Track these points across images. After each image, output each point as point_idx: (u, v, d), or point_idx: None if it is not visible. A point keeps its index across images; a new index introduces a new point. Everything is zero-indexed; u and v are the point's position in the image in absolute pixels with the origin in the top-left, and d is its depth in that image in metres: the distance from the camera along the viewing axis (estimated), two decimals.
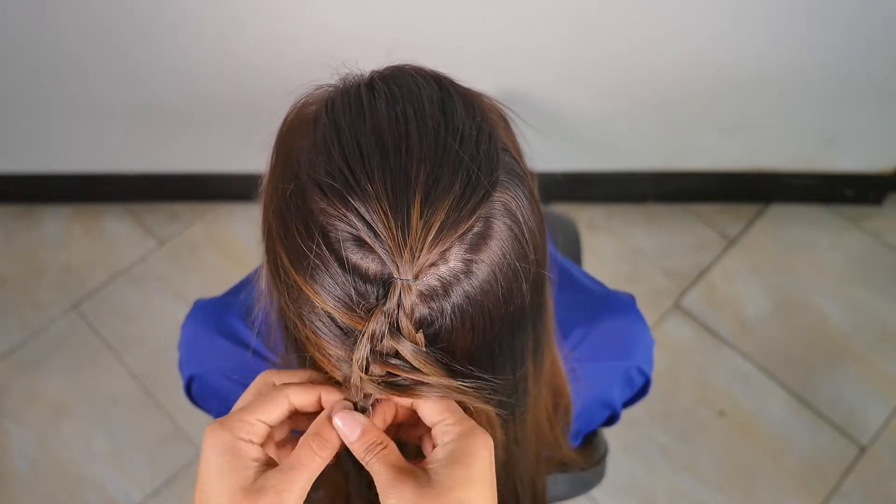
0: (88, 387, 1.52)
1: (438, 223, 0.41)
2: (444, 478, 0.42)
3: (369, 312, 0.43)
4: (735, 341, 1.54)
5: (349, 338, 0.44)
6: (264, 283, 0.52)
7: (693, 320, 1.57)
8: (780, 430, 1.44)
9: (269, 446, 0.48)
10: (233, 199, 1.76)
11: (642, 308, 0.71)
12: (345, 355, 0.45)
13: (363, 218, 0.41)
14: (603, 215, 1.73)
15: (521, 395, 0.55)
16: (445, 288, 0.43)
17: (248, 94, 1.47)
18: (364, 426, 0.45)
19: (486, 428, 0.49)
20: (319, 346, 0.46)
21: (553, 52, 1.38)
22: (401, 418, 0.49)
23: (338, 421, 0.45)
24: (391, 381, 0.45)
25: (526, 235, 0.46)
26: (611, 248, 1.68)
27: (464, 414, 0.45)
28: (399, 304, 0.42)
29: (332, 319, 0.44)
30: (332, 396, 0.47)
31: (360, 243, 0.42)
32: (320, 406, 0.48)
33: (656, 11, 1.29)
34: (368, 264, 0.42)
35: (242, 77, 1.44)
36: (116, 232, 1.74)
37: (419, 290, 0.42)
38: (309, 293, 0.44)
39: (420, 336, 0.44)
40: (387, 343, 0.43)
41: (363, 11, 1.29)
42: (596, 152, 1.63)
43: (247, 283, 0.73)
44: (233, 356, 0.67)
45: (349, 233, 0.42)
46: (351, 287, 0.43)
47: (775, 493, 1.38)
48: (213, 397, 0.71)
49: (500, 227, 0.44)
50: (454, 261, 0.43)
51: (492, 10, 1.29)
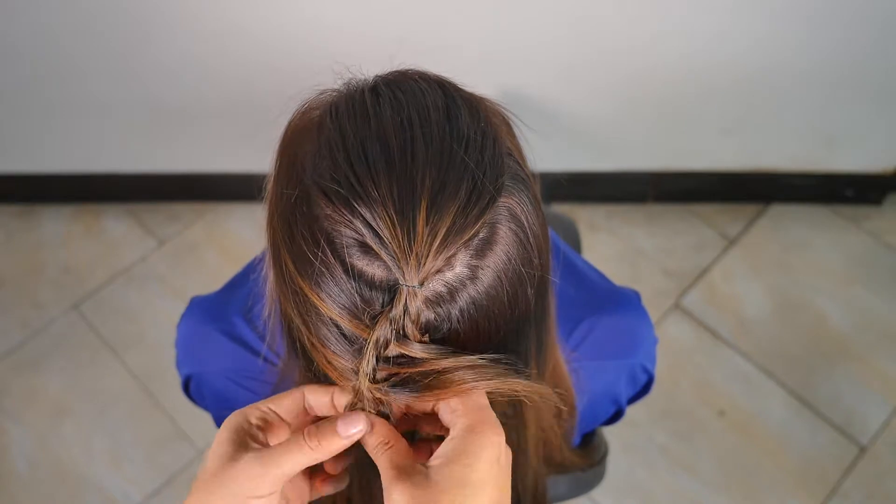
0: (88, 387, 1.52)
1: (444, 229, 0.41)
2: (440, 477, 0.42)
3: (374, 320, 0.43)
4: (735, 341, 1.54)
5: (354, 345, 0.44)
6: (269, 286, 0.52)
7: (693, 320, 1.57)
8: (780, 430, 1.44)
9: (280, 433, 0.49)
10: (233, 199, 1.76)
11: (645, 306, 0.71)
12: (350, 363, 0.45)
13: (369, 224, 0.41)
14: (603, 215, 1.73)
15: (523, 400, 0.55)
16: (451, 293, 0.43)
17: (248, 94, 1.47)
18: (374, 424, 0.46)
19: (523, 413, 0.49)
20: (325, 354, 0.46)
21: (553, 52, 1.38)
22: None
23: (339, 429, 0.46)
24: (400, 382, 0.45)
25: (531, 240, 0.46)
26: (611, 248, 1.68)
27: (478, 405, 0.45)
28: (405, 310, 0.42)
29: (338, 326, 0.44)
30: (344, 399, 0.48)
31: (366, 249, 0.42)
32: (334, 409, 0.48)
33: (656, 11, 1.29)
34: (374, 270, 0.42)
35: (242, 77, 1.44)
36: (116, 232, 1.74)
37: (425, 296, 0.42)
38: (314, 300, 0.44)
39: (427, 342, 0.44)
40: (392, 349, 0.43)
41: (363, 10, 1.29)
42: (596, 152, 1.63)
43: (243, 279, 0.73)
44: (231, 354, 0.67)
45: (354, 239, 0.42)
46: (356, 293, 0.43)
47: (775, 493, 1.38)
48: (212, 395, 0.71)
49: (506, 233, 0.44)
50: (460, 266, 0.43)
51: (491, 9, 1.29)
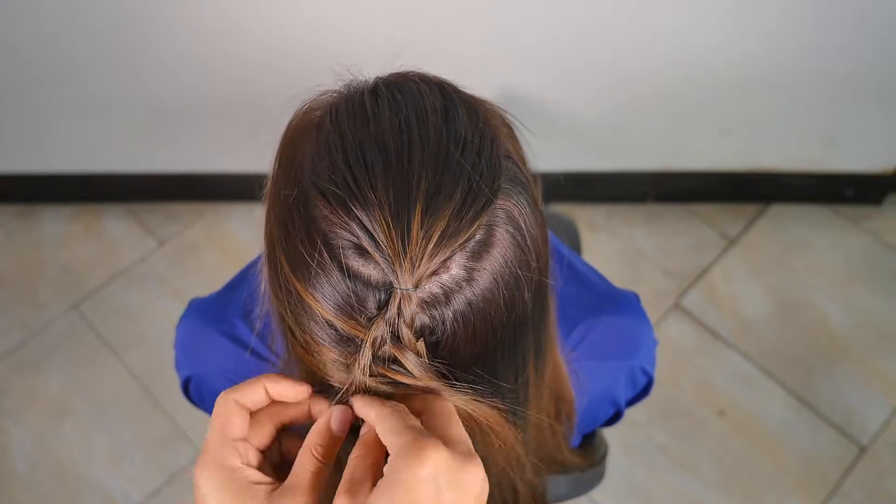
0: (88, 387, 1.52)
1: (439, 232, 0.41)
2: (373, 498, 0.40)
3: (371, 321, 0.43)
4: (735, 341, 1.54)
5: (349, 345, 0.44)
6: (264, 286, 0.52)
7: (693, 320, 1.57)
8: (780, 430, 1.44)
9: (266, 468, 0.47)
10: (233, 199, 1.76)
11: (644, 308, 0.71)
12: (344, 362, 0.45)
13: (364, 227, 0.41)
14: (603, 215, 1.73)
15: (523, 401, 0.55)
16: (447, 295, 0.43)
17: (249, 94, 1.47)
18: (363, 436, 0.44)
19: (493, 437, 0.48)
20: (318, 353, 0.46)
21: (553, 52, 1.38)
22: None
23: (335, 427, 0.45)
24: (392, 383, 0.45)
25: (528, 243, 0.46)
26: (611, 248, 1.68)
27: (412, 421, 0.42)
28: (399, 313, 0.42)
29: (332, 327, 0.44)
30: (322, 405, 0.47)
31: (361, 251, 0.42)
32: (304, 417, 0.47)
33: (656, 11, 1.29)
34: (369, 272, 0.42)
35: (242, 77, 1.44)
36: (116, 232, 1.74)
37: (420, 299, 0.42)
38: (309, 300, 0.44)
39: (420, 345, 0.44)
40: (388, 350, 0.43)
41: (362, 11, 1.29)
42: (596, 152, 1.63)
43: (242, 280, 0.73)
44: (231, 355, 0.67)
45: (350, 241, 0.42)
46: (351, 294, 0.43)
47: (775, 493, 1.38)
48: (212, 396, 0.70)
49: (503, 235, 0.44)
50: (456, 269, 0.43)
51: (491, 9, 1.29)
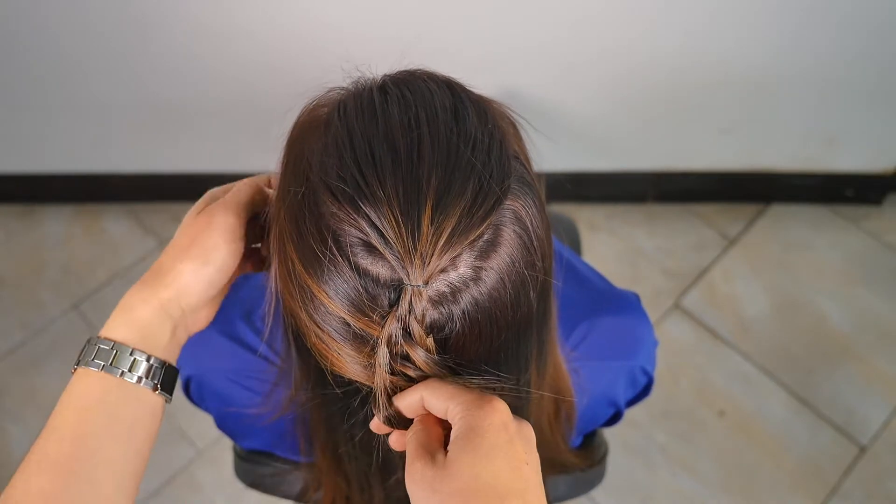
0: None
1: (449, 229, 0.41)
2: (454, 456, 0.42)
3: (384, 318, 0.43)
4: (735, 341, 1.54)
5: (363, 342, 0.45)
6: (273, 284, 0.52)
7: (693, 320, 1.57)
8: (780, 430, 1.44)
9: None
10: None
11: (644, 309, 0.71)
12: (359, 358, 0.45)
13: (374, 224, 0.41)
14: (603, 215, 1.73)
15: (524, 400, 0.55)
16: (454, 294, 0.43)
17: (249, 94, 1.47)
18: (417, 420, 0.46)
19: None
20: (335, 350, 0.46)
21: (553, 52, 1.38)
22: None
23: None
24: (409, 378, 0.45)
25: (534, 243, 0.46)
26: (611, 248, 1.68)
27: (468, 389, 0.45)
28: (410, 309, 0.42)
29: (346, 324, 0.44)
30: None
31: (370, 249, 0.42)
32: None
33: (656, 11, 1.29)
34: (379, 270, 0.42)
35: (243, 77, 1.44)
36: (116, 232, 1.74)
37: (429, 296, 0.42)
38: (322, 297, 0.44)
39: (430, 341, 0.44)
40: (401, 347, 0.44)
41: (362, 12, 1.29)
42: (596, 152, 1.63)
43: (243, 280, 0.73)
44: (231, 354, 0.67)
45: (359, 238, 0.42)
46: (363, 292, 0.43)
47: (775, 493, 1.38)
48: (213, 397, 0.70)
49: (510, 235, 0.44)
50: (463, 267, 0.43)
51: (491, 10, 1.29)
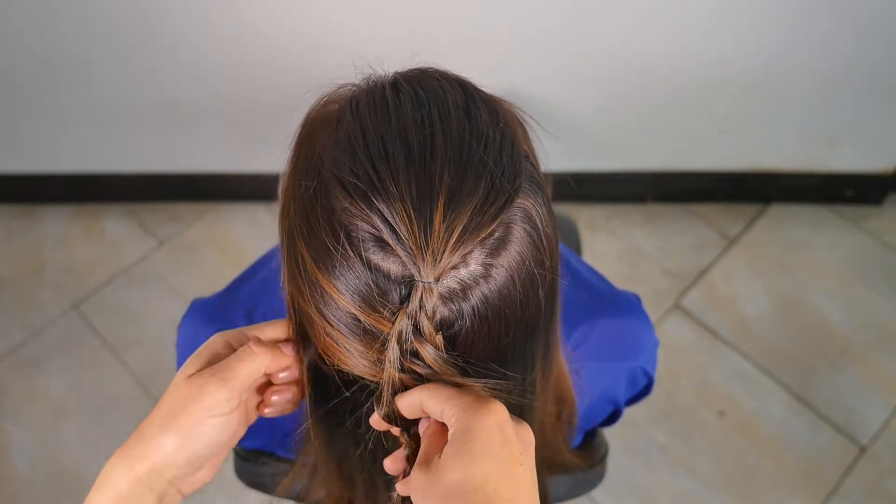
0: (88, 387, 1.52)
1: (461, 226, 0.41)
2: (446, 459, 0.42)
3: (394, 314, 0.43)
4: (735, 341, 1.54)
5: (373, 338, 0.45)
6: (281, 280, 0.52)
7: (693, 320, 1.57)
8: (780, 430, 1.44)
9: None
10: (233, 199, 1.76)
11: (645, 309, 0.71)
12: (369, 354, 0.45)
13: (386, 219, 0.41)
14: (603, 215, 1.73)
15: (528, 401, 0.55)
16: (465, 290, 0.43)
17: (249, 94, 1.47)
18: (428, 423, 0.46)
19: None
20: (343, 346, 0.46)
21: (553, 52, 1.38)
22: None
23: (285, 348, 0.51)
24: (417, 375, 0.46)
25: (544, 242, 0.46)
26: (611, 248, 1.68)
27: (467, 392, 0.45)
28: (421, 306, 0.42)
29: (356, 319, 0.44)
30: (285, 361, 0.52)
31: (382, 244, 0.42)
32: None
33: (656, 11, 1.29)
34: (390, 265, 0.42)
35: (243, 76, 1.44)
36: (116, 232, 1.74)
37: (440, 293, 0.42)
38: (332, 292, 0.44)
39: (439, 338, 0.44)
40: (411, 344, 0.44)
41: (362, 12, 1.29)
42: (596, 152, 1.63)
43: (243, 281, 0.73)
44: None
45: (371, 233, 0.42)
46: (374, 287, 0.43)
47: (775, 493, 1.38)
48: None
49: (520, 233, 0.44)
50: (474, 264, 0.43)
51: (491, 10, 1.29)
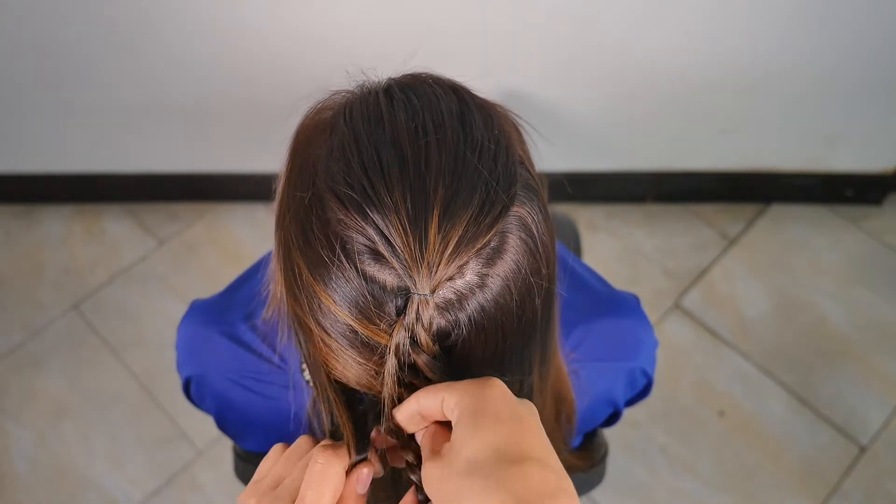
0: (88, 387, 1.52)
1: (456, 238, 0.41)
2: (458, 435, 0.41)
3: (391, 326, 0.43)
4: (735, 341, 1.54)
5: (370, 349, 0.44)
6: (278, 289, 0.52)
7: (693, 320, 1.57)
8: (780, 430, 1.44)
9: None
10: (233, 199, 1.76)
11: (644, 310, 0.71)
12: (368, 366, 0.45)
13: (381, 231, 0.41)
14: (603, 215, 1.73)
15: None
16: (461, 301, 0.43)
17: (249, 94, 1.47)
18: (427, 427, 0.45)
19: None
20: (342, 357, 0.46)
21: (553, 52, 1.38)
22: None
23: (360, 489, 0.46)
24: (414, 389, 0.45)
25: (540, 250, 0.46)
26: (611, 248, 1.68)
27: (458, 382, 0.44)
28: (417, 318, 0.42)
29: (353, 331, 0.44)
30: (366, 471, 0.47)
31: (377, 256, 0.42)
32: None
33: (656, 12, 1.29)
34: (385, 277, 0.42)
35: (243, 77, 1.44)
36: (116, 232, 1.74)
37: (436, 304, 0.42)
38: (328, 304, 0.44)
39: (437, 348, 0.44)
40: (408, 356, 0.43)
41: (362, 12, 1.29)
42: (596, 152, 1.63)
43: (244, 281, 0.73)
44: (232, 355, 0.67)
45: (366, 245, 0.42)
46: (370, 298, 0.42)
47: (775, 493, 1.38)
48: (212, 397, 0.71)
49: (516, 242, 0.44)
50: (470, 274, 0.43)
51: (491, 9, 1.29)
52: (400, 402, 0.45)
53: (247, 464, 0.79)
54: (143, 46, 1.39)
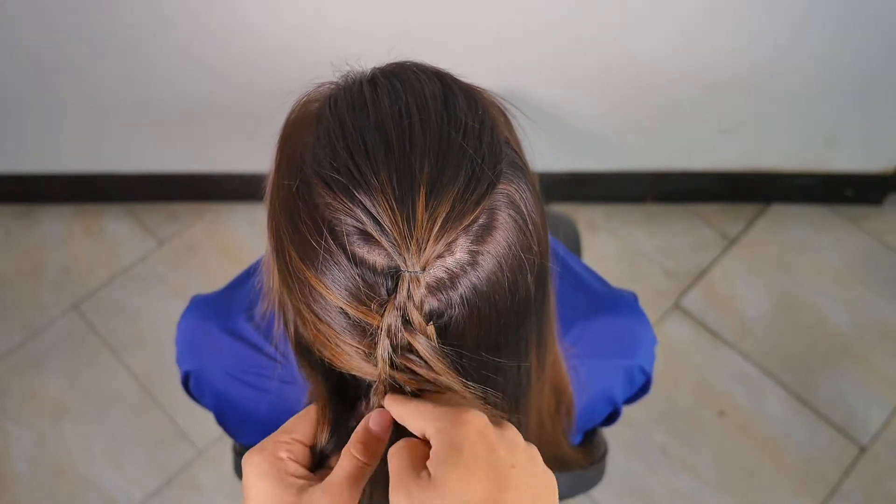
0: (88, 387, 1.52)
1: (444, 214, 0.41)
2: (437, 474, 0.40)
3: (382, 307, 0.43)
4: (735, 341, 1.54)
5: (363, 333, 0.45)
6: (271, 281, 0.52)
7: (693, 320, 1.57)
8: (780, 430, 1.44)
9: (313, 465, 0.48)
10: (233, 199, 1.76)
11: (642, 308, 0.71)
12: (360, 349, 0.45)
13: (368, 212, 0.42)
14: (603, 215, 1.73)
15: (524, 390, 0.55)
16: (452, 280, 0.43)
17: (249, 94, 1.47)
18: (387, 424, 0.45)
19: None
20: (334, 342, 0.46)
21: (552, 52, 1.38)
22: None
23: (371, 424, 0.45)
24: (415, 377, 0.45)
25: (530, 227, 0.46)
26: (611, 248, 1.68)
27: (443, 403, 0.44)
28: (409, 297, 0.42)
29: (345, 314, 0.44)
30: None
31: (367, 237, 0.42)
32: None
33: (656, 11, 1.29)
34: (375, 258, 0.42)
35: (243, 76, 1.44)
36: (116, 232, 1.74)
37: (427, 282, 0.42)
38: (320, 288, 0.44)
39: (431, 329, 0.44)
40: (402, 337, 0.43)
41: (363, 10, 1.29)
42: (596, 152, 1.63)
43: (245, 278, 0.73)
44: (231, 350, 0.67)
45: (355, 226, 0.42)
46: (360, 280, 0.43)
47: (775, 493, 1.38)
48: (211, 393, 0.71)
49: (505, 219, 0.44)
50: (460, 252, 0.43)
51: (491, 8, 1.29)
52: (394, 384, 0.45)
53: None
54: (144, 47, 1.39)
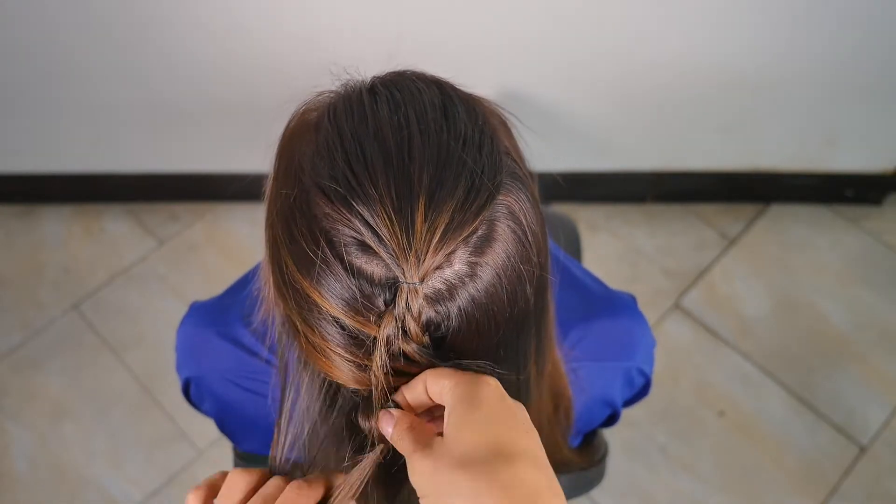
0: (88, 387, 1.52)
1: (443, 226, 0.41)
2: (453, 426, 0.41)
3: (380, 318, 0.43)
4: (735, 341, 1.54)
5: (359, 344, 0.44)
6: (268, 289, 0.52)
7: (693, 320, 1.57)
8: (779, 430, 1.44)
9: None
10: (233, 199, 1.76)
11: (642, 308, 0.71)
12: (354, 360, 0.45)
13: (367, 223, 0.41)
14: (603, 215, 1.73)
15: (523, 398, 0.55)
16: (451, 291, 0.43)
17: (249, 94, 1.47)
18: (397, 417, 0.45)
19: None
20: (329, 353, 0.46)
21: (553, 52, 1.38)
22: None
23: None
24: (404, 374, 0.45)
25: (529, 238, 0.46)
26: (611, 248, 1.68)
27: (459, 370, 0.44)
28: (407, 308, 0.42)
29: (341, 324, 0.44)
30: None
31: (365, 248, 0.42)
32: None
33: (656, 11, 1.29)
34: (373, 269, 0.42)
35: (243, 76, 1.44)
36: (116, 232, 1.74)
37: (425, 294, 0.42)
38: (316, 298, 0.44)
39: (427, 339, 0.44)
40: (398, 346, 0.43)
41: (362, 12, 1.29)
42: (596, 152, 1.63)
43: (244, 284, 0.73)
44: (232, 358, 0.67)
45: (353, 237, 0.42)
46: (357, 291, 0.42)
47: (775, 493, 1.38)
48: (212, 398, 0.71)
49: (504, 230, 0.44)
50: (459, 264, 0.43)
51: (490, 9, 1.29)
52: (391, 394, 0.45)
53: (247, 463, 0.79)
54: (143, 47, 1.39)
